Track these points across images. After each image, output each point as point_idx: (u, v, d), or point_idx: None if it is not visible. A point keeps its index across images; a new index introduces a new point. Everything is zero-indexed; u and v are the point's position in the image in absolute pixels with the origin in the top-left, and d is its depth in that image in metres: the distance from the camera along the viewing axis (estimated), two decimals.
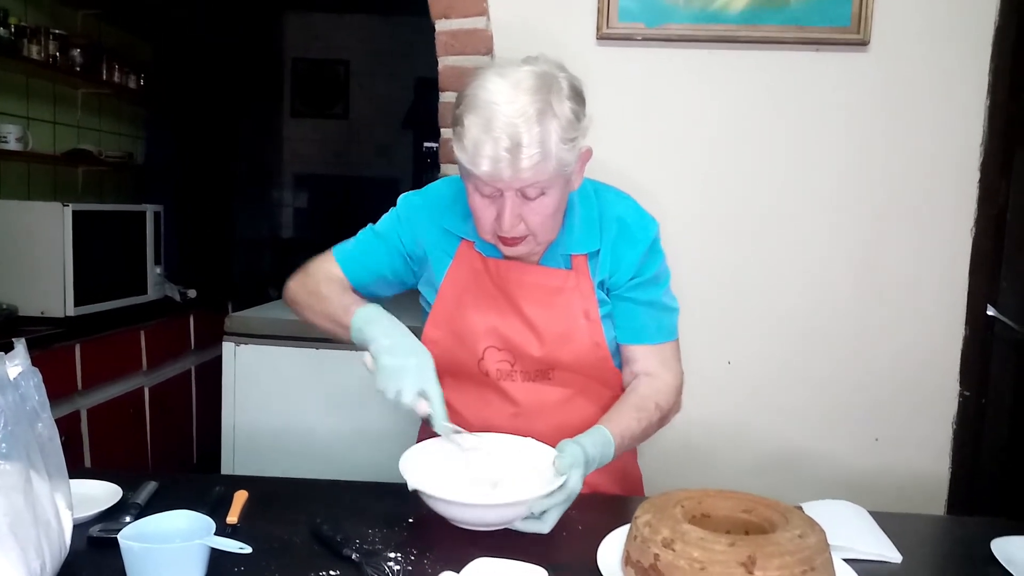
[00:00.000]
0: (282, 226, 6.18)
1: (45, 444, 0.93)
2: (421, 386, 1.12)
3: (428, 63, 2.24)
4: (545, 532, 1.07)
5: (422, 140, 5.90)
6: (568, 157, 1.14)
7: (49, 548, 0.89)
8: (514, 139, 1.08)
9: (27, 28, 3.03)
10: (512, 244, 1.20)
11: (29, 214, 2.84)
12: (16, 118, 3.15)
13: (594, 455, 1.13)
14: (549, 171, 1.12)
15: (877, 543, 1.11)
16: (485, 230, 1.21)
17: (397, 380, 1.12)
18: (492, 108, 1.10)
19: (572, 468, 1.08)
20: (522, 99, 1.10)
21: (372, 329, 1.17)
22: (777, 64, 1.98)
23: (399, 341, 1.15)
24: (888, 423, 2.03)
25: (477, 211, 1.19)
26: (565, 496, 1.07)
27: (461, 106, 1.15)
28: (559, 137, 1.11)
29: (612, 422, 1.21)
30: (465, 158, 1.12)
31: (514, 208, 1.15)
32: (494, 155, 1.09)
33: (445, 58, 2.00)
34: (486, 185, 1.14)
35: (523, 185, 1.12)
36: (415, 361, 1.13)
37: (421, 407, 1.13)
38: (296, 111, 6.07)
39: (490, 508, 1.06)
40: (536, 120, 1.09)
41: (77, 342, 2.74)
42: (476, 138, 1.10)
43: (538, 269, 1.29)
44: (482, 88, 1.13)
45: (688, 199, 2.02)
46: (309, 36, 6.00)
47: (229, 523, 1.09)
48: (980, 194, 1.97)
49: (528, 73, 1.13)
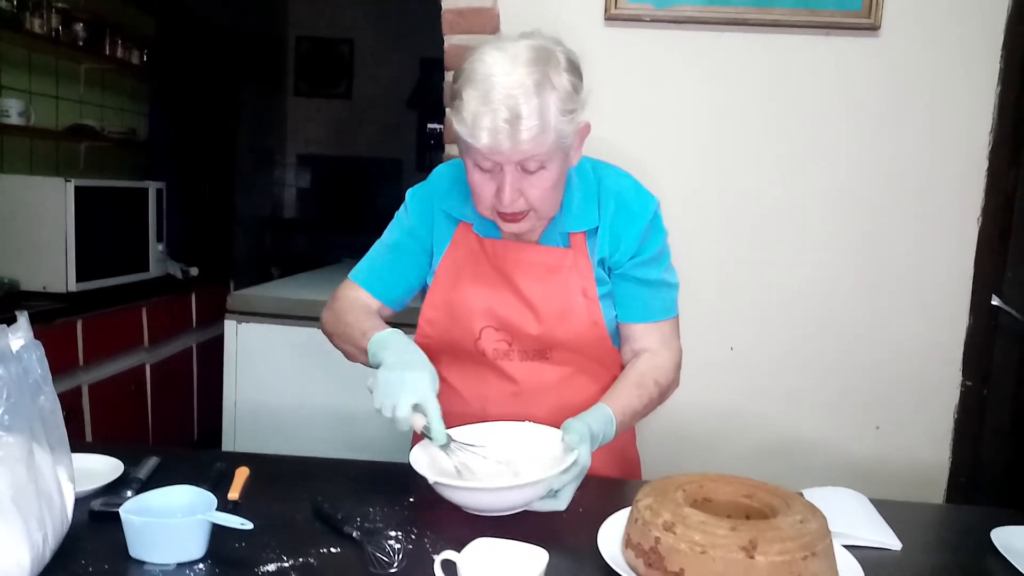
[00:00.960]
0: (285, 205, 6.17)
1: (47, 417, 0.93)
2: (417, 399, 1.08)
3: (433, 42, 2.23)
4: (562, 509, 1.08)
5: (426, 120, 5.88)
6: (567, 129, 1.14)
7: (51, 521, 0.89)
8: (513, 111, 1.08)
9: (29, 1, 3.00)
10: (512, 220, 1.20)
11: (31, 189, 2.83)
12: (18, 92, 3.13)
13: (598, 432, 1.14)
14: (548, 143, 1.12)
15: (877, 530, 1.12)
16: (484, 206, 1.20)
17: (393, 395, 1.08)
18: (490, 80, 1.09)
19: (581, 443, 1.09)
20: (520, 71, 1.10)
21: (383, 353, 1.16)
22: (786, 48, 1.96)
23: (401, 358, 1.14)
24: (890, 411, 2.02)
25: (476, 186, 1.18)
26: (577, 472, 1.08)
27: (459, 80, 1.14)
28: (558, 109, 1.11)
29: (613, 400, 1.22)
30: (464, 131, 1.11)
31: (514, 182, 1.14)
32: (493, 127, 1.08)
33: (451, 37, 1.99)
34: (485, 159, 1.13)
35: (522, 157, 1.12)
36: (412, 375, 1.10)
37: (416, 420, 1.09)
38: (300, 90, 6.05)
39: (512, 491, 1.05)
40: (535, 92, 1.09)
41: (79, 318, 2.74)
42: (475, 110, 1.09)
43: (536, 248, 1.29)
44: (480, 62, 1.12)
45: (693, 182, 2.01)
46: (313, 14, 5.96)
47: (230, 499, 1.09)
48: (988, 182, 1.95)
49: (525, 47, 1.13)
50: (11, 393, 0.85)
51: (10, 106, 2.98)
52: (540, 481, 1.04)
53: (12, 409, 0.85)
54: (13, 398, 0.85)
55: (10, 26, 2.88)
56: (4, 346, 0.87)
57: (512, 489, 1.05)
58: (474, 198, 1.21)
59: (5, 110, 2.96)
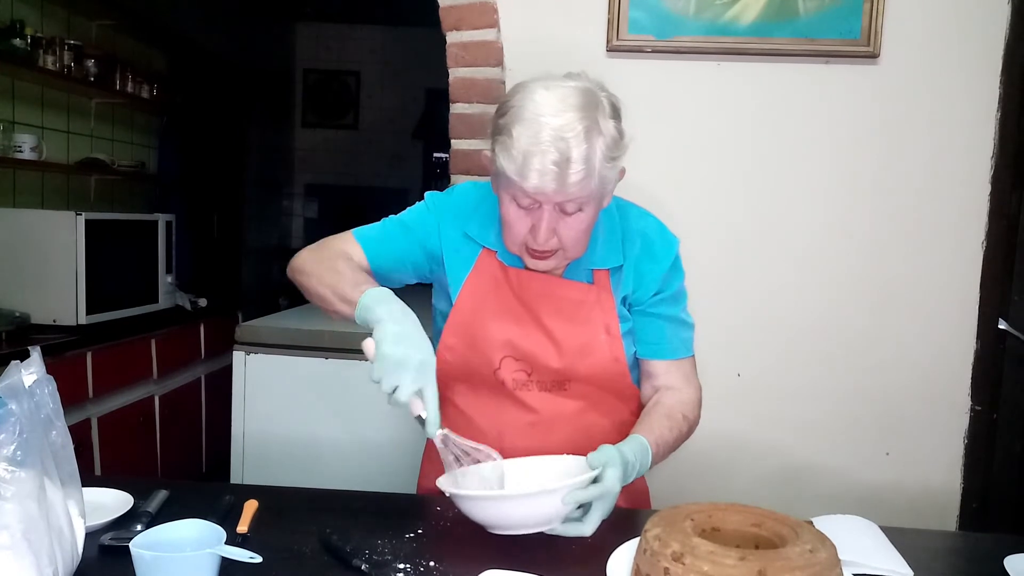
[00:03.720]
0: (292, 236, 6.21)
1: (59, 452, 0.94)
2: (419, 384, 1.06)
3: (438, 74, 2.26)
4: (588, 534, 1.06)
5: (432, 151, 5.93)
6: (610, 175, 1.15)
7: (62, 555, 0.89)
8: (564, 153, 1.08)
9: (43, 39, 3.06)
10: (542, 257, 1.20)
11: (43, 223, 2.86)
12: (31, 128, 3.18)
13: (633, 461, 1.12)
14: (591, 188, 1.13)
15: (888, 559, 1.11)
16: (515, 241, 1.20)
17: (396, 374, 1.05)
18: (540, 121, 1.10)
19: (607, 466, 1.07)
20: (569, 114, 1.10)
21: (380, 309, 1.10)
22: (787, 77, 1.98)
23: (406, 330, 1.08)
24: (899, 437, 2.01)
25: (511, 222, 1.18)
26: (600, 492, 1.05)
27: (507, 116, 1.14)
28: (603, 155, 1.12)
29: (646, 431, 1.21)
30: (513, 168, 1.11)
31: (551, 222, 1.15)
32: (542, 168, 1.09)
33: (456, 70, 2.02)
34: (526, 197, 1.13)
35: (564, 199, 1.12)
36: (419, 357, 1.06)
37: (415, 406, 1.08)
38: (307, 121, 6.12)
39: (526, 499, 1.04)
40: (584, 137, 1.10)
41: (89, 350, 2.76)
42: (526, 149, 1.09)
43: (560, 282, 1.29)
44: (529, 100, 1.12)
45: (697, 211, 2.02)
46: (320, 47, 6.05)
47: (239, 532, 1.09)
48: (991, 207, 1.96)
49: (573, 89, 1.13)
50: (23, 428, 0.86)
51: (23, 141, 3.03)
52: (556, 490, 1.02)
53: (24, 444, 0.86)
54: (25, 433, 0.86)
55: (24, 63, 2.94)
56: (17, 381, 0.88)
57: (525, 498, 1.04)
58: (506, 231, 1.21)
59: (18, 145, 3.01)
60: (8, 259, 2.81)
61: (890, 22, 1.92)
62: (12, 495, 0.84)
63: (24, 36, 2.95)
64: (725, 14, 1.96)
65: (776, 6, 1.94)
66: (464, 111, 2.02)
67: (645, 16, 1.97)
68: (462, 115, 2.02)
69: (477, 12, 1.99)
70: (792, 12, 1.94)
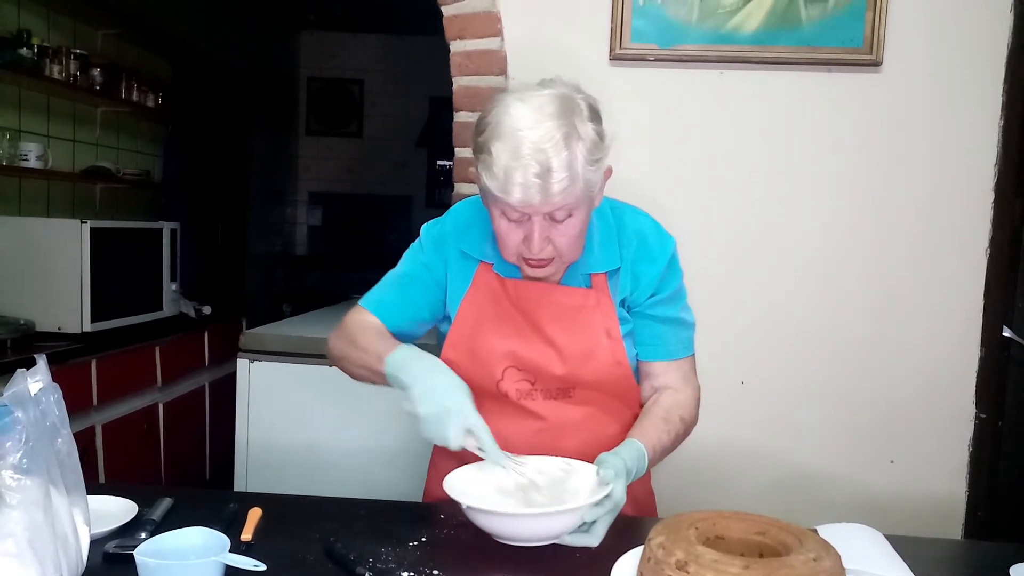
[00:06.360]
0: (296, 243, 6.23)
1: (64, 459, 0.94)
2: (465, 427, 1.11)
3: (442, 82, 2.27)
4: (594, 545, 1.07)
5: (436, 158, 5.95)
6: (594, 178, 1.15)
7: (67, 563, 0.90)
8: (544, 165, 1.09)
9: (49, 48, 3.09)
10: (539, 266, 1.21)
11: (48, 231, 2.87)
12: (37, 136, 3.20)
13: (632, 467, 1.14)
14: (577, 193, 1.13)
15: (893, 568, 1.10)
16: (510, 253, 1.21)
17: (440, 428, 1.11)
18: (518, 135, 1.10)
19: (616, 479, 1.09)
20: (547, 124, 1.10)
21: (404, 377, 1.16)
22: (789, 85, 1.98)
23: (433, 384, 1.14)
24: (904, 445, 2.01)
25: (503, 235, 1.19)
26: (611, 506, 1.08)
27: (485, 133, 1.14)
28: (585, 159, 1.12)
29: (642, 435, 1.22)
30: (495, 185, 1.11)
31: (542, 231, 1.15)
32: (524, 182, 1.09)
33: (459, 78, 2.03)
34: (514, 211, 1.14)
35: (552, 209, 1.13)
36: (452, 402, 1.12)
37: (470, 443, 1.12)
38: (311, 129, 6.14)
39: (544, 518, 1.05)
40: (563, 144, 1.10)
41: (93, 358, 2.76)
42: (506, 165, 1.09)
43: (558, 288, 1.30)
44: (505, 115, 1.12)
45: (700, 219, 2.03)
46: (324, 55, 6.08)
47: (244, 540, 1.10)
48: (995, 214, 1.96)
49: (549, 97, 1.13)
50: (29, 436, 0.86)
51: (29, 150, 3.04)
52: (574, 509, 1.04)
53: (30, 452, 0.86)
54: (31, 441, 0.87)
55: (30, 72, 2.96)
56: (23, 389, 0.89)
57: (544, 516, 1.05)
58: (500, 245, 1.22)
59: (24, 154, 3.03)
60: (13, 267, 2.82)
61: (892, 30, 1.92)
62: (18, 503, 0.84)
63: (30, 45, 2.97)
64: (728, 23, 1.96)
65: (779, 15, 1.94)
66: (468, 119, 2.03)
67: (648, 25, 1.98)
68: (466, 123, 2.03)
69: (481, 21, 2.00)
70: (795, 20, 1.94)
